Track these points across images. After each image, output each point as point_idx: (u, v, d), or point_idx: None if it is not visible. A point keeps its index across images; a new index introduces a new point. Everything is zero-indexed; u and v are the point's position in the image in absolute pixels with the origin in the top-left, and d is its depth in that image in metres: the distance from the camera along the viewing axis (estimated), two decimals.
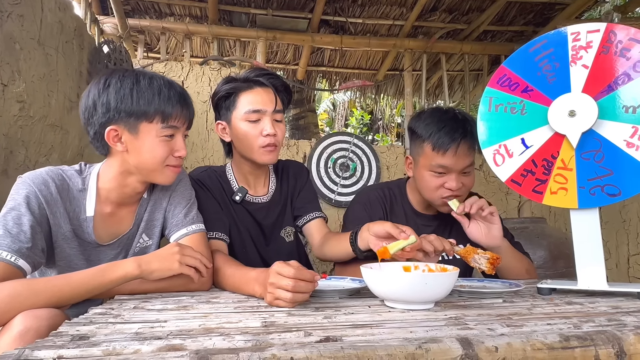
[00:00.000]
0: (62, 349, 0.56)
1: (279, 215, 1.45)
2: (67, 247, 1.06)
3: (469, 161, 1.30)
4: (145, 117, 1.04)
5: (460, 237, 1.42)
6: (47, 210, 1.01)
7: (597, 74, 1.02)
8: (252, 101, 1.31)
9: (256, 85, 1.33)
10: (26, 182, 1.01)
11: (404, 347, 0.56)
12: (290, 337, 0.64)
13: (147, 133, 1.05)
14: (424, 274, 0.89)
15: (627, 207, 3.15)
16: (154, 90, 1.04)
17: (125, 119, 1.03)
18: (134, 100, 1.03)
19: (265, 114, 1.31)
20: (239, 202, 1.39)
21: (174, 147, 1.09)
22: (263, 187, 1.45)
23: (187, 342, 0.60)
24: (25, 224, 0.95)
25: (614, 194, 0.99)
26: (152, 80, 1.06)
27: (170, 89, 1.07)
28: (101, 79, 1.06)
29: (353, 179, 3.36)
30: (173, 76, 3.15)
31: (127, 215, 1.15)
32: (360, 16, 3.80)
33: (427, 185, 1.32)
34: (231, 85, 1.33)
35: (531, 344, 0.59)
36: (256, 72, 1.35)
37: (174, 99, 1.07)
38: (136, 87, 1.04)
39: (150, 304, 0.89)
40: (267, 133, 1.29)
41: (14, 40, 1.77)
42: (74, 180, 1.08)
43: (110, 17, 3.48)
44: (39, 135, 1.93)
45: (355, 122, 10.05)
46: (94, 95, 1.04)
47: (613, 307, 0.87)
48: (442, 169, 1.29)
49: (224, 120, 1.37)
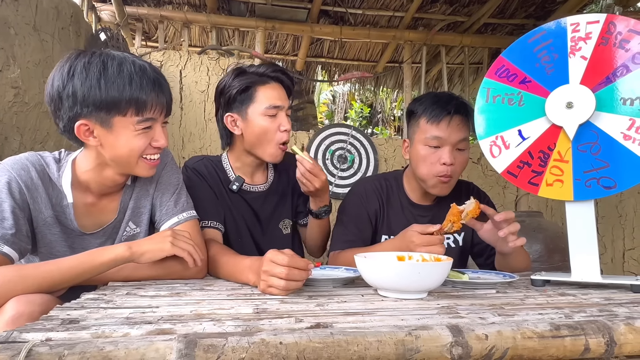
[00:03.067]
0: (51, 332, 0.56)
1: (277, 206, 1.45)
2: (48, 233, 1.04)
3: (462, 135, 1.31)
4: (117, 110, 0.95)
5: None
6: (27, 195, 0.99)
7: (596, 65, 1.01)
8: (271, 97, 1.31)
9: (272, 81, 1.33)
10: (5, 168, 0.98)
11: (394, 333, 0.56)
12: (281, 323, 0.64)
13: (122, 127, 0.97)
14: (417, 263, 0.89)
15: (624, 202, 3.16)
16: (124, 79, 0.94)
17: (95, 112, 0.94)
18: (102, 92, 0.93)
19: (282, 110, 1.33)
20: (236, 192, 1.38)
21: (153, 137, 1.02)
22: (261, 176, 1.45)
23: (177, 327, 0.60)
24: (7, 210, 0.94)
25: (609, 186, 0.99)
26: (121, 66, 0.95)
27: (142, 75, 0.96)
28: (65, 65, 0.95)
29: (351, 170, 3.36)
30: (171, 65, 3.13)
31: (110, 204, 1.11)
32: (360, 7, 3.77)
33: (422, 161, 1.33)
34: (249, 79, 1.32)
35: (521, 333, 0.59)
36: (272, 67, 1.35)
37: (148, 86, 0.96)
38: (104, 76, 0.93)
39: (143, 291, 0.88)
40: (285, 129, 1.32)
41: (8, 25, 1.75)
42: (51, 166, 1.04)
43: (108, 4, 3.45)
44: (34, 121, 1.92)
45: (355, 115, 10.02)
46: (58, 86, 0.95)
47: (605, 299, 0.87)
48: (436, 141, 1.30)
49: (236, 113, 1.34)
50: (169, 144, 3.04)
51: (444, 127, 1.30)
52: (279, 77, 1.34)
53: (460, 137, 1.31)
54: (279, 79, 1.35)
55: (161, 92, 1.00)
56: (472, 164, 3.55)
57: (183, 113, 3.14)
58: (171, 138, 3.11)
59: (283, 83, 1.36)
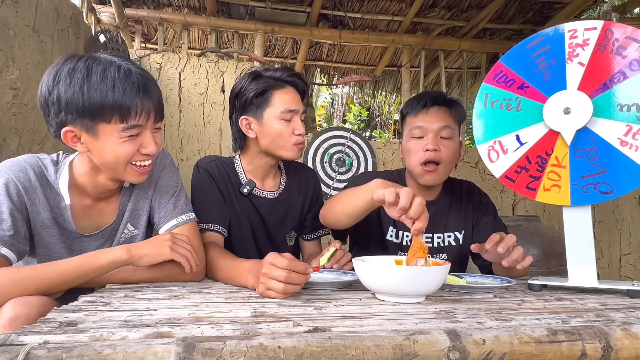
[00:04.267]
0: (48, 335, 0.55)
1: (284, 215, 1.45)
2: (46, 234, 1.04)
3: (443, 123, 1.36)
4: (100, 117, 0.93)
5: (456, 226, 1.46)
6: (25, 197, 0.98)
7: (593, 71, 1.02)
8: (287, 101, 1.33)
9: (288, 85, 1.35)
10: (3, 169, 0.98)
11: (392, 338, 0.56)
12: (279, 326, 0.64)
13: (107, 135, 0.95)
14: (414, 267, 0.89)
15: (621, 207, 3.17)
16: (107, 84, 0.92)
17: (80, 119, 0.93)
18: (85, 98, 0.91)
19: (297, 114, 1.35)
20: (246, 195, 1.38)
21: (142, 144, 0.99)
22: (271, 182, 1.45)
23: (175, 330, 0.60)
24: (5, 212, 0.94)
25: (606, 191, 1.00)
26: (105, 71, 0.93)
27: (126, 80, 0.93)
28: (52, 71, 0.94)
29: (349, 174, 3.37)
30: (170, 67, 3.13)
31: (108, 207, 1.11)
32: (359, 11, 3.78)
33: (408, 153, 1.39)
34: (266, 83, 1.33)
35: (519, 338, 0.60)
36: (288, 72, 1.37)
37: (132, 92, 0.93)
38: (87, 83, 0.91)
39: (141, 293, 0.88)
40: (300, 133, 1.33)
41: (8, 27, 1.75)
42: (49, 169, 1.04)
43: (108, 6, 3.45)
44: (32, 123, 1.92)
45: (353, 118, 10.04)
46: (45, 92, 0.94)
47: (602, 304, 0.88)
48: (418, 130, 1.37)
49: (252, 116, 1.35)
50: (168, 146, 3.05)
51: (423, 117, 1.37)
52: (294, 82, 1.36)
53: (441, 124, 1.36)
54: (294, 84, 1.36)
55: (147, 97, 0.96)
56: (469, 168, 3.57)
57: (182, 115, 3.14)
58: (170, 140, 3.11)
59: (298, 87, 1.38)
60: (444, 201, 1.47)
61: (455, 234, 1.46)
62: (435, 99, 1.39)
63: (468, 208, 1.48)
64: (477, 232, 1.45)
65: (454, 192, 1.49)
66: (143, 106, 0.95)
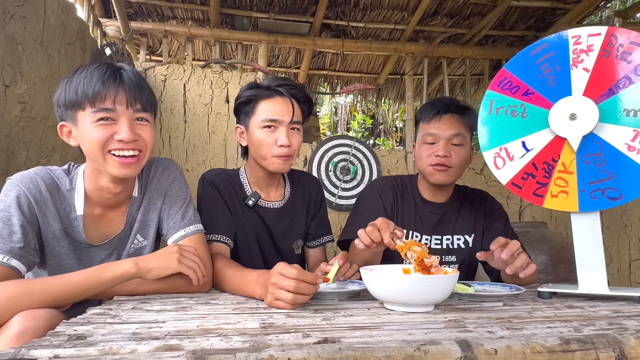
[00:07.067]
0: (58, 349, 0.55)
1: (290, 225, 1.45)
2: (57, 246, 1.05)
3: (454, 130, 1.40)
4: (77, 105, 0.99)
5: (466, 229, 1.47)
6: (37, 209, 1.00)
7: (598, 77, 1.02)
8: (269, 110, 1.32)
9: (276, 95, 1.33)
10: (15, 182, 1.00)
11: (403, 348, 0.55)
12: (289, 338, 0.63)
13: (83, 122, 1.00)
14: (423, 276, 0.89)
15: (629, 212, 3.14)
16: (83, 77, 0.99)
17: (66, 112, 1.02)
18: (67, 92, 1.00)
19: (282, 124, 1.31)
20: (252, 207, 1.38)
21: (116, 131, 1.00)
22: (276, 193, 1.45)
23: (184, 343, 0.60)
24: (16, 224, 0.95)
25: (614, 197, 0.99)
26: (88, 69, 1.01)
27: (100, 70, 1.00)
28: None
29: (354, 182, 3.36)
30: (175, 79, 3.16)
31: (117, 217, 1.13)
32: (362, 20, 3.81)
33: (420, 157, 1.45)
34: (252, 92, 1.34)
35: (531, 347, 0.59)
36: (278, 81, 1.35)
37: (102, 78, 0.98)
38: (71, 79, 1.01)
39: (148, 305, 0.88)
40: (282, 144, 1.30)
41: (16, 42, 1.77)
42: (62, 180, 1.07)
43: (113, 19, 3.49)
44: (40, 136, 1.94)
45: (357, 126, 10.06)
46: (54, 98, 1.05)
47: (614, 311, 0.86)
48: (430, 137, 1.41)
49: (243, 125, 1.38)
50: (174, 157, 3.06)
51: (435, 124, 1.41)
52: (283, 91, 1.33)
53: (453, 132, 1.39)
54: (283, 94, 1.33)
55: (115, 82, 0.99)
56: (475, 175, 3.55)
57: (187, 126, 3.16)
58: (175, 151, 3.13)
59: (294, 98, 1.34)
60: (455, 204, 1.50)
61: (465, 237, 1.46)
62: (448, 106, 1.41)
63: (479, 213, 1.48)
64: (487, 237, 1.44)
65: (465, 196, 1.52)
66: (114, 90, 0.99)
